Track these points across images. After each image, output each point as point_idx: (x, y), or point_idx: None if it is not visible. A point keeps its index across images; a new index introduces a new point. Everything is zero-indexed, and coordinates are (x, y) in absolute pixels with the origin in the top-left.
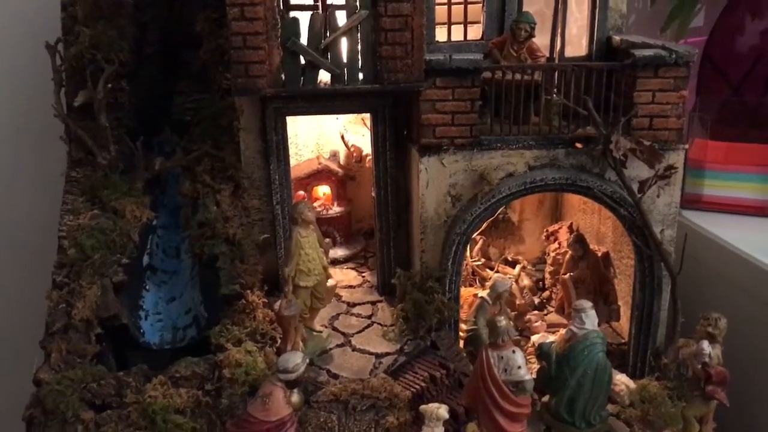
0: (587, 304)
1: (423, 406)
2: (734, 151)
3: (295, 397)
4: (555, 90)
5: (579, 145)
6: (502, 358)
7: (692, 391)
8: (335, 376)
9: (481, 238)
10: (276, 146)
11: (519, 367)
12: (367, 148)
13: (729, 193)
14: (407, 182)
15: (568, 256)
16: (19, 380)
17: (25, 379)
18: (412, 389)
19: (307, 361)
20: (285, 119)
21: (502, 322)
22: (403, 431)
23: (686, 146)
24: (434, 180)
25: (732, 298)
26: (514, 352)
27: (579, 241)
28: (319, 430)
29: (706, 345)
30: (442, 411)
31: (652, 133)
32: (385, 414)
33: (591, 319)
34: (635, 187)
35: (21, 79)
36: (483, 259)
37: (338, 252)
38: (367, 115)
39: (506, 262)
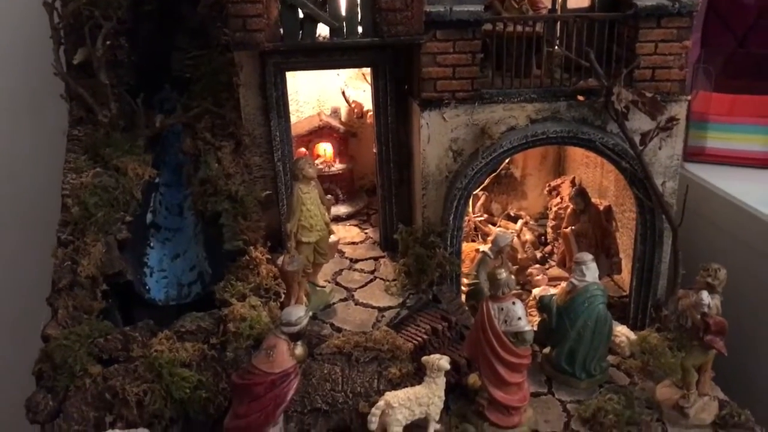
0: (588, 256)
1: (425, 357)
2: (739, 104)
3: (299, 350)
4: (557, 42)
5: (581, 98)
6: (502, 309)
7: (691, 341)
8: (338, 330)
9: (483, 193)
10: (276, 102)
11: (519, 318)
12: (368, 104)
13: (732, 145)
14: (409, 138)
15: (569, 209)
16: (27, 337)
17: (33, 336)
18: (414, 341)
19: (310, 314)
20: (285, 74)
21: (503, 274)
22: (406, 382)
23: (689, 98)
24: (435, 135)
25: (732, 251)
26: (514, 303)
27: (580, 194)
28: (323, 382)
29: (705, 295)
30: (444, 362)
31: (654, 85)
32: (387, 365)
33: (591, 272)
34: (637, 139)
35: (20, 37)
36: (485, 215)
37: (341, 209)
38: (367, 70)
39: (509, 218)
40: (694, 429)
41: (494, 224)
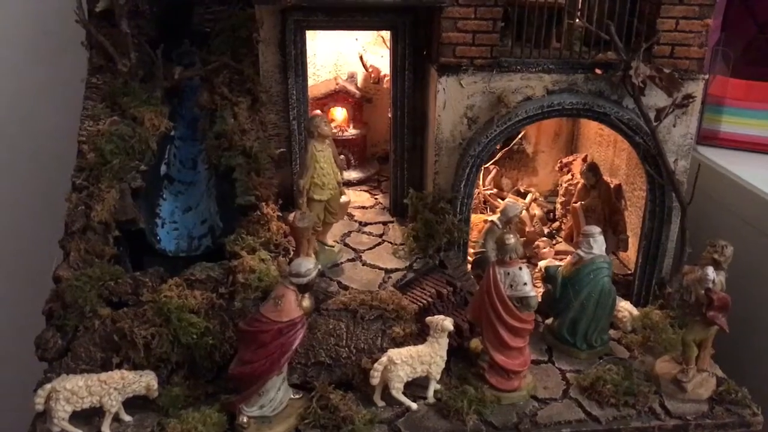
0: (596, 229)
1: (429, 318)
2: (756, 89)
3: (307, 302)
4: (578, 14)
5: (599, 71)
6: (508, 274)
7: (693, 316)
8: (345, 287)
9: (494, 167)
10: (295, 60)
11: (525, 284)
12: (385, 69)
13: (747, 130)
14: (424, 104)
15: (579, 184)
16: (38, 280)
17: (45, 278)
18: (418, 303)
19: (319, 267)
20: (305, 33)
21: (511, 239)
22: (409, 341)
23: (706, 77)
24: (451, 101)
25: (741, 233)
26: (520, 269)
27: (591, 169)
28: (328, 336)
29: (710, 271)
30: (447, 323)
31: (672, 62)
32: (391, 324)
33: (599, 245)
34: (652, 115)
35: None
36: (495, 189)
37: (352, 174)
38: (387, 34)
39: (518, 194)
40: (690, 403)
41: (503, 199)
